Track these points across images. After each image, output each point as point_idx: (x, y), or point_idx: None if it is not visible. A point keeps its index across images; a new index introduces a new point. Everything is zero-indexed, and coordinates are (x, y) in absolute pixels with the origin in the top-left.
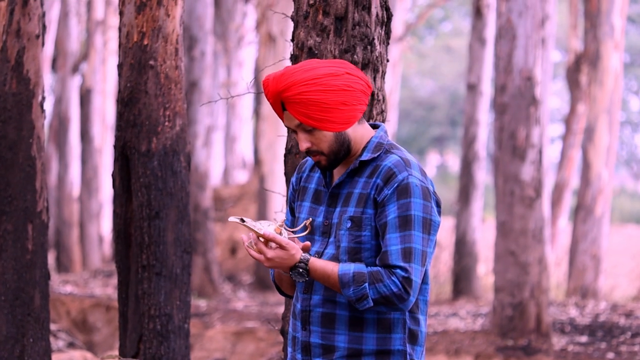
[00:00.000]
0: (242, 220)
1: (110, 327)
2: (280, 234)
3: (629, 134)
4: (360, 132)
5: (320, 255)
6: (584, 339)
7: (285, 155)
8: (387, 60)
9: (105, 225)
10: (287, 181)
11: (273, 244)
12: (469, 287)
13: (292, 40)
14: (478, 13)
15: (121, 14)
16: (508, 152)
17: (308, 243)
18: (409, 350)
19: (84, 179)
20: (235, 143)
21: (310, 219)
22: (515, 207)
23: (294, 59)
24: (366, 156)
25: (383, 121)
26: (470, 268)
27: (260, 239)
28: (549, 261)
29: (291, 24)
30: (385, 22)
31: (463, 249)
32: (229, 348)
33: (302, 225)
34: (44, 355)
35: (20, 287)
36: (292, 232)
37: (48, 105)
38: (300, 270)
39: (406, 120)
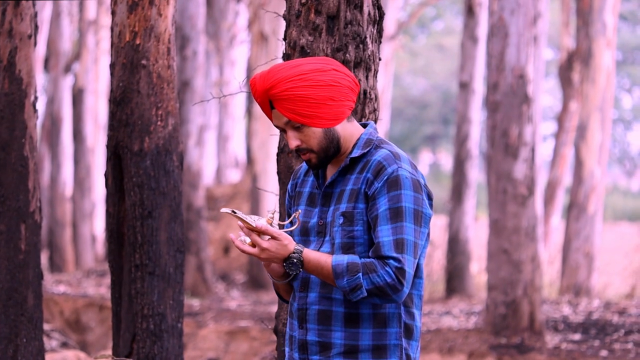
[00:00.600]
0: (234, 212)
1: (103, 327)
2: (271, 225)
3: (622, 131)
4: (349, 130)
5: None
6: (577, 336)
7: (277, 154)
8: (380, 59)
9: (98, 224)
10: (280, 180)
11: (266, 236)
12: (462, 285)
13: (284, 39)
14: (470, 11)
15: (113, 13)
16: (500, 150)
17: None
18: (404, 345)
19: (76, 179)
20: (227, 142)
21: (299, 210)
22: (507, 205)
23: (286, 57)
24: (356, 153)
25: (375, 120)
26: (463, 266)
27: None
28: (541, 259)
29: (283, 23)
30: (378, 20)
31: (456, 248)
32: (223, 347)
33: (292, 217)
34: (37, 355)
35: (14, 287)
36: (283, 225)
37: (40, 105)
38: (295, 260)
39: (398, 118)
